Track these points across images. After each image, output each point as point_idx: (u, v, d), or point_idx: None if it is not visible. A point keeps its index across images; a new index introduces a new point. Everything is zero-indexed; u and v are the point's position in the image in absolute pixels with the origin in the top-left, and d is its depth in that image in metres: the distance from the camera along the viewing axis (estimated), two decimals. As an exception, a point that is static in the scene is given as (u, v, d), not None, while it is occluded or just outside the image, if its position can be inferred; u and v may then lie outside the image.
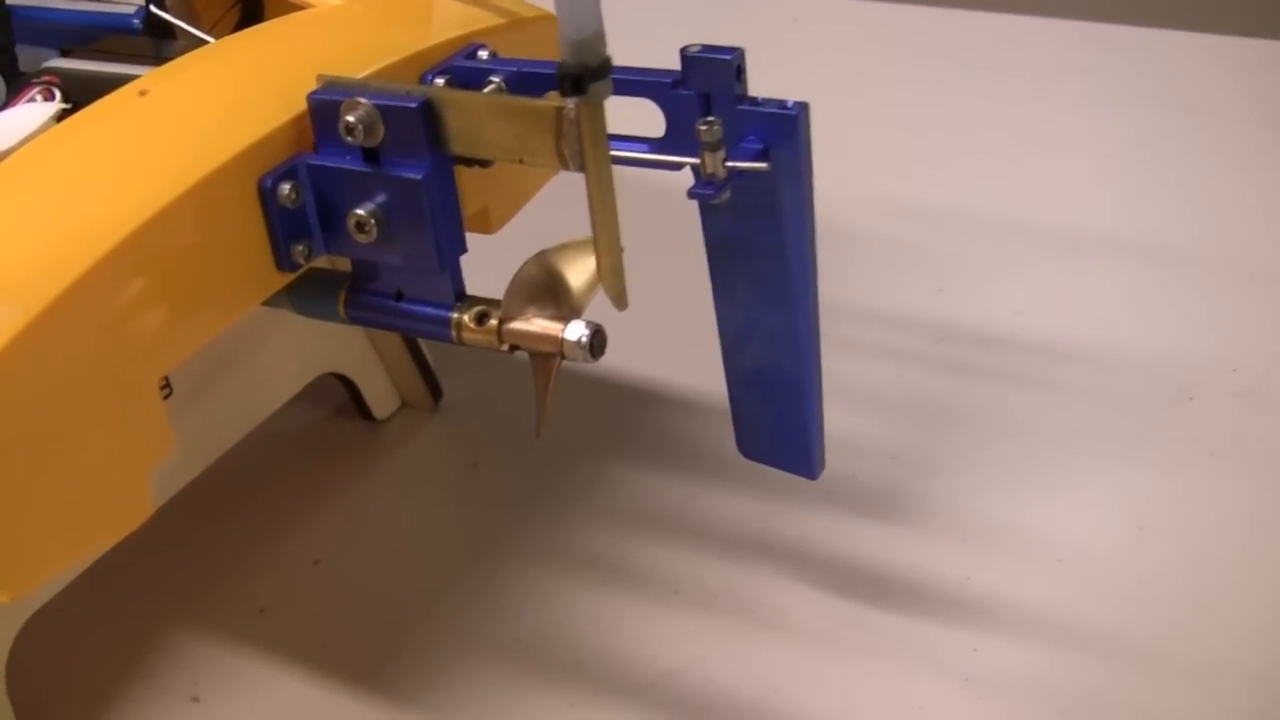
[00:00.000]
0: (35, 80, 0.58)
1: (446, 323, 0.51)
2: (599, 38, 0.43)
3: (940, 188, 0.91)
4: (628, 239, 0.47)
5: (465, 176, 0.56)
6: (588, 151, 0.45)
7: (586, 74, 0.43)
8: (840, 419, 0.63)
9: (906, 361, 0.75)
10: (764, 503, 0.66)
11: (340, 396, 0.74)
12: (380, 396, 0.74)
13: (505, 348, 0.50)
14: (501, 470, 0.71)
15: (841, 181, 0.78)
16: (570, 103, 0.45)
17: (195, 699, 0.60)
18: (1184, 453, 0.68)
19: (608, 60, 0.44)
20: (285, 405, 0.69)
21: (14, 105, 0.57)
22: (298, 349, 0.68)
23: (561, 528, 0.67)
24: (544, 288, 0.50)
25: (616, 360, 0.75)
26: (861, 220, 0.87)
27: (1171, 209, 0.87)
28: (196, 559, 0.67)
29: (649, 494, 0.68)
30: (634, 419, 0.73)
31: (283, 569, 0.66)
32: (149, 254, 0.47)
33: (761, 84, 0.52)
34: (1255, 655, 0.58)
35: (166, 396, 0.61)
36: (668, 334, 0.74)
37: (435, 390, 0.75)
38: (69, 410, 0.45)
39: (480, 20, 0.60)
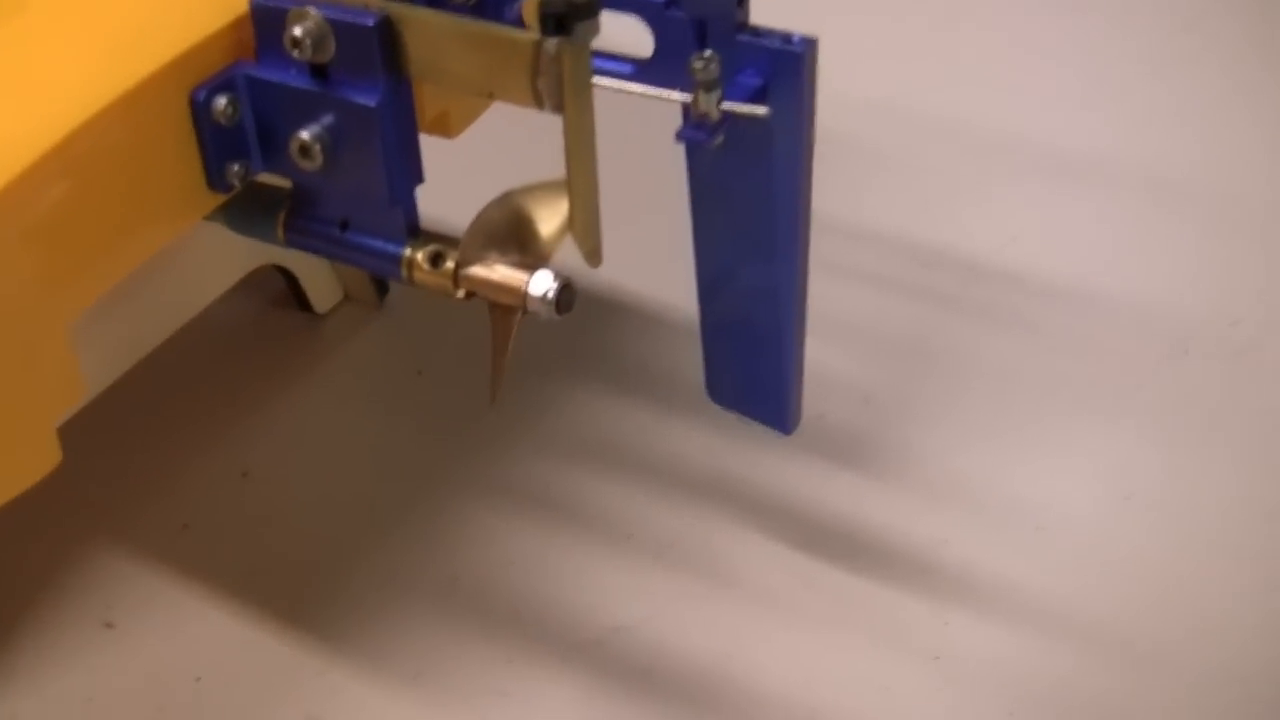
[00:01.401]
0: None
1: (397, 260, 0.46)
2: (588, -30, 0.38)
3: (934, 96, 0.85)
4: (608, 132, 0.42)
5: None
6: (568, 95, 0.40)
7: (572, 11, 0.38)
8: (813, 348, 0.58)
9: (888, 287, 0.70)
10: (726, 438, 0.62)
11: (278, 285, 0.69)
12: (322, 289, 0.69)
13: (461, 294, 0.45)
14: (448, 382, 0.66)
15: (828, 79, 0.72)
16: (554, 41, 0.40)
17: (109, 624, 0.56)
18: (1176, 414, 0.64)
19: (595, -1, 0.38)
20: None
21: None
22: (237, 240, 0.63)
23: (509, 454, 0.62)
24: (509, 231, 0.45)
25: (584, 265, 0.71)
26: (847, 123, 0.81)
27: (1173, 137, 0.81)
28: (117, 466, 0.62)
29: (606, 421, 0.64)
30: (597, 334, 0.68)
31: (209, 481, 0.61)
32: (64, 173, 0.41)
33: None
34: (1235, 642, 0.54)
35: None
36: (644, 239, 0.69)
37: (382, 286, 0.70)
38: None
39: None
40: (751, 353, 0.53)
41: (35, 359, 0.42)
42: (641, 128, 0.54)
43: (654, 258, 0.66)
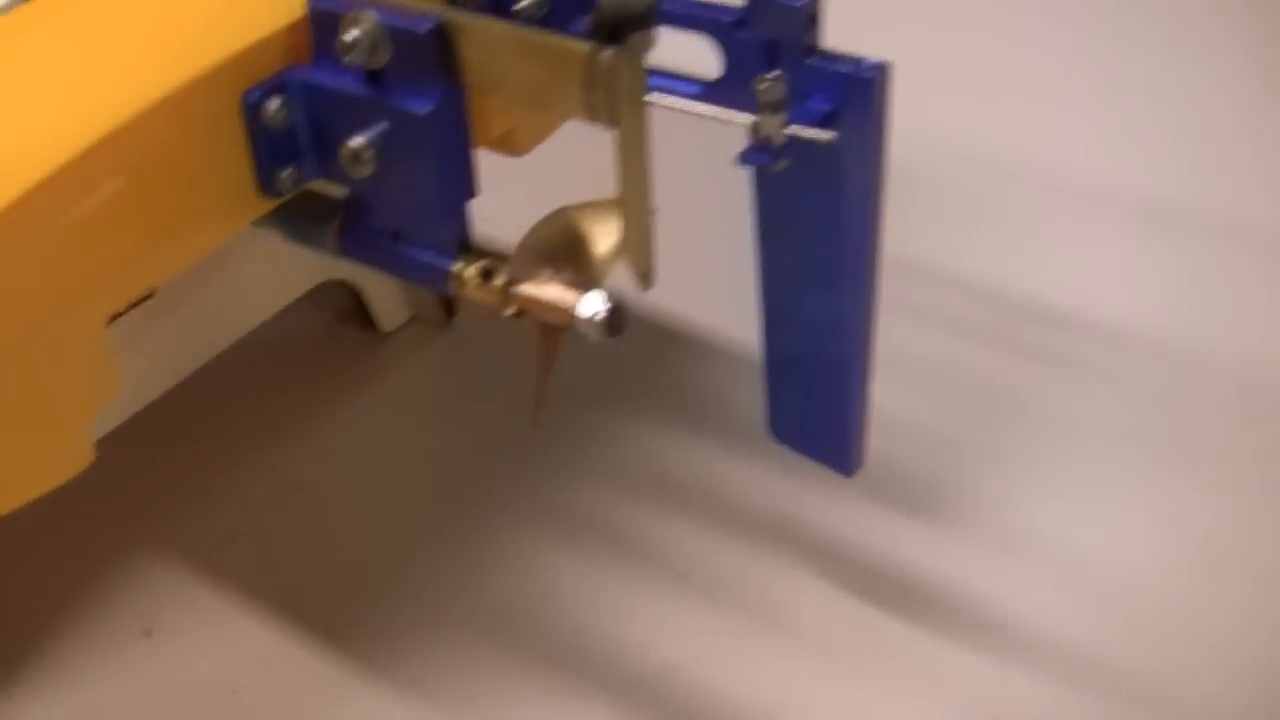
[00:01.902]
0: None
1: (445, 274, 0.45)
2: (645, -21, 0.36)
3: (1025, 140, 0.82)
4: (678, 153, 0.40)
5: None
6: (622, 107, 0.38)
7: (626, 22, 0.36)
8: (887, 392, 0.56)
9: (965, 332, 0.68)
10: (787, 478, 0.60)
11: (346, 303, 0.68)
12: (388, 308, 0.68)
13: (510, 312, 0.44)
14: (508, 407, 0.64)
15: (915, 119, 0.70)
16: (607, 51, 0.38)
17: (148, 633, 0.55)
18: (1263, 480, 0.60)
19: (652, 6, 0.37)
20: (283, 308, 0.63)
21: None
22: (300, 251, 0.62)
23: (567, 483, 0.61)
24: (562, 248, 0.43)
25: (654, 300, 0.69)
26: (933, 165, 0.79)
27: (1271, 190, 0.78)
28: (170, 475, 0.61)
29: (666, 454, 0.62)
30: (659, 365, 0.67)
31: (261, 494, 0.61)
32: (109, 172, 0.40)
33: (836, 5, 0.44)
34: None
35: (147, 297, 0.55)
36: (711, 270, 0.68)
37: (449, 306, 0.68)
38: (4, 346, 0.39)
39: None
40: (814, 388, 0.51)
41: (70, 354, 0.41)
42: (710, 153, 0.52)
43: (721, 289, 0.64)
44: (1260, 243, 0.73)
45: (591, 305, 0.42)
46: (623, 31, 0.37)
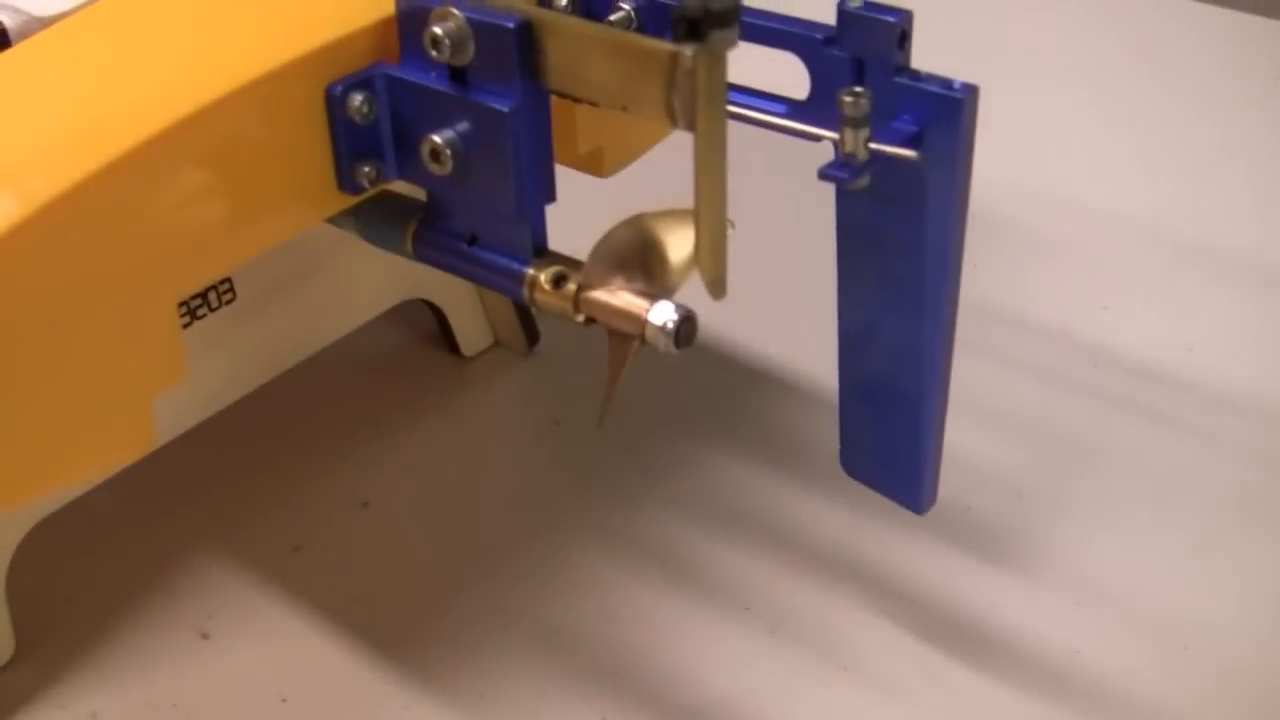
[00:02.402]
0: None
1: (519, 279, 0.44)
2: (729, -24, 0.36)
3: (1121, 192, 0.81)
4: (766, 191, 0.40)
5: (580, 111, 0.49)
6: (700, 110, 0.38)
7: (707, 18, 0.36)
8: (966, 438, 0.55)
9: (1053, 383, 0.67)
10: (861, 517, 0.59)
11: (429, 324, 0.68)
12: (471, 331, 0.68)
13: (580, 319, 0.44)
14: (585, 434, 0.64)
15: (1009, 165, 0.69)
16: (688, 49, 0.38)
17: (204, 635, 0.55)
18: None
19: (736, 5, 0.36)
20: (366, 325, 0.63)
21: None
22: (385, 267, 0.62)
23: (634, 509, 0.60)
24: (636, 257, 0.43)
25: (733, 332, 0.69)
26: (1025, 213, 0.78)
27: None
28: (240, 480, 0.61)
29: (737, 485, 0.61)
30: (735, 401, 0.66)
31: (328, 506, 0.60)
32: (190, 150, 0.41)
33: (929, 43, 0.44)
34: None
35: (229, 301, 0.55)
36: (791, 309, 0.67)
37: (532, 333, 0.68)
38: (71, 315, 0.40)
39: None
40: (889, 420, 0.50)
41: (140, 332, 0.41)
42: (796, 191, 0.52)
43: (803, 326, 0.64)
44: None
45: (661, 314, 0.42)
46: (703, 29, 0.36)
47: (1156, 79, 0.93)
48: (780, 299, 0.69)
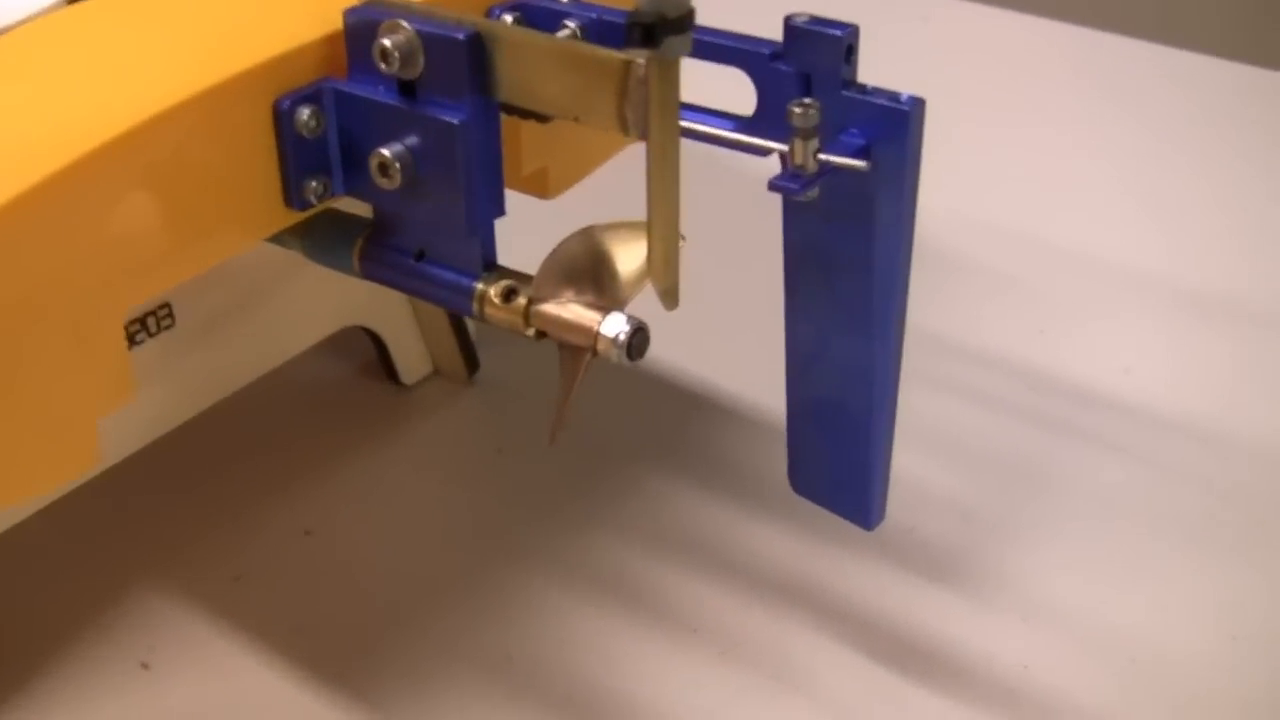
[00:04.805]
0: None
1: (469, 294, 0.44)
2: (684, -16, 0.36)
3: (1055, 220, 0.82)
4: (712, 217, 0.40)
5: (525, 131, 0.49)
6: (653, 117, 0.38)
7: (661, 24, 0.36)
8: (910, 462, 0.56)
9: (994, 408, 0.67)
10: (808, 543, 0.59)
11: (368, 353, 0.67)
12: (410, 360, 0.67)
13: (531, 332, 0.43)
14: (529, 461, 0.64)
15: (946, 195, 0.70)
16: (640, 58, 0.38)
17: (145, 665, 0.54)
18: (1294, 559, 0.59)
19: (690, 11, 0.36)
20: (305, 353, 0.62)
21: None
22: (325, 294, 0.61)
23: (581, 535, 0.60)
24: (586, 269, 0.43)
25: (674, 356, 0.69)
26: (963, 242, 0.79)
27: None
28: (180, 508, 0.60)
29: (684, 512, 0.61)
30: (682, 426, 0.66)
31: (270, 534, 0.60)
32: (136, 164, 0.40)
33: (873, 78, 0.44)
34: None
35: (168, 327, 0.55)
36: (738, 335, 0.67)
37: (472, 361, 0.68)
38: (14, 328, 0.39)
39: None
40: (837, 437, 0.50)
41: (86, 347, 0.40)
42: (760, 224, 0.52)
43: (757, 356, 0.64)
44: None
45: (613, 326, 0.42)
46: (656, 33, 0.36)
47: (1086, 109, 0.95)
48: (723, 321, 0.69)
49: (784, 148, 0.44)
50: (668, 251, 0.40)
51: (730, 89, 0.47)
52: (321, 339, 0.63)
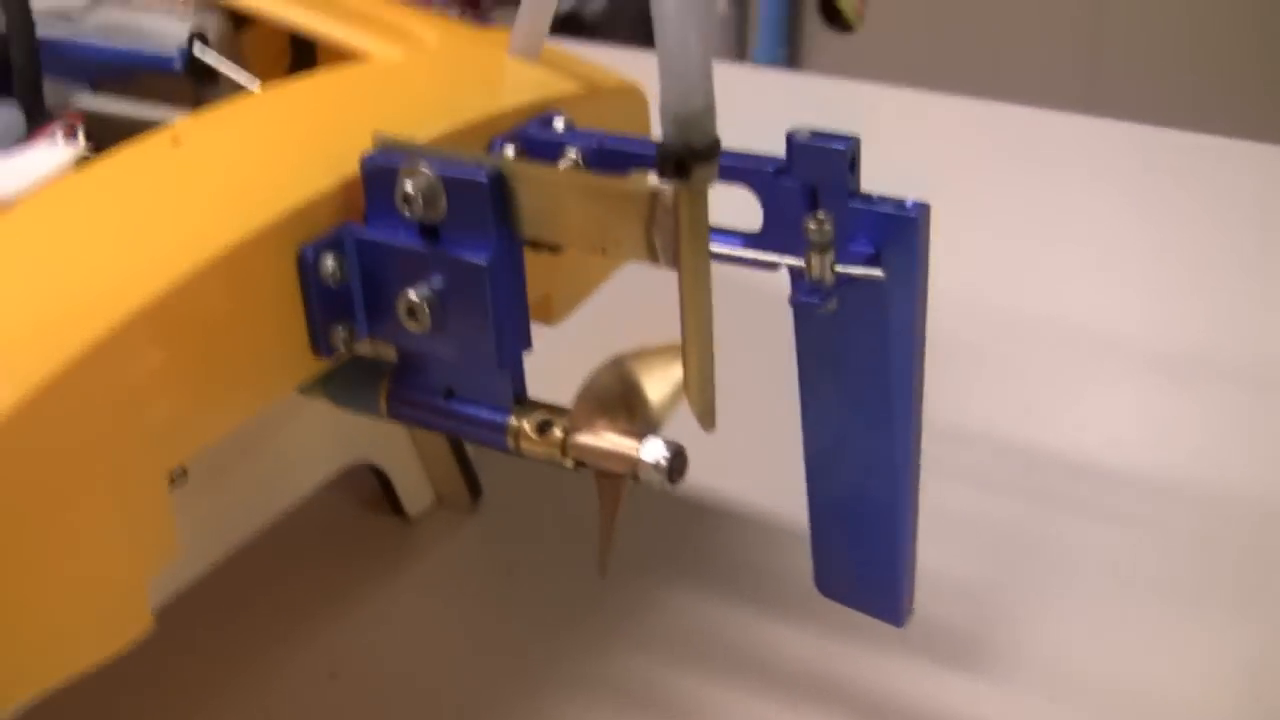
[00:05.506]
0: (57, 119, 0.53)
1: (503, 429, 0.45)
2: (708, 114, 0.37)
3: (1027, 295, 0.84)
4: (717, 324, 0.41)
5: (529, 260, 0.50)
6: (684, 245, 0.39)
7: (691, 155, 0.37)
8: (919, 546, 0.56)
9: (991, 488, 0.68)
10: (831, 640, 0.59)
11: (369, 488, 0.67)
12: (414, 491, 0.68)
13: (569, 463, 0.44)
14: (541, 580, 0.64)
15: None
16: (666, 186, 0.39)
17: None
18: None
19: (716, 141, 0.38)
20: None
21: (33, 143, 0.51)
22: (328, 435, 0.62)
23: (602, 652, 0.60)
24: (618, 398, 0.44)
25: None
26: (944, 323, 0.80)
27: (1271, 331, 0.80)
28: (198, 663, 0.60)
29: (707, 619, 0.61)
30: (692, 534, 0.66)
31: (295, 680, 0.59)
32: (168, 327, 0.40)
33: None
34: None
35: (182, 485, 0.54)
36: (738, 441, 0.67)
37: (475, 488, 0.68)
38: (59, 504, 0.39)
39: (555, 86, 0.54)
40: (863, 534, 0.51)
41: (131, 515, 0.40)
42: (752, 333, 0.53)
43: (750, 458, 0.65)
44: (1272, 383, 0.74)
45: (653, 451, 0.42)
46: (687, 164, 0.37)
47: (1045, 184, 0.97)
48: (723, 428, 0.70)
49: (796, 261, 0.45)
50: (704, 375, 0.41)
51: (722, 202, 0.48)
52: (327, 479, 0.63)
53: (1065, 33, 1.80)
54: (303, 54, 0.63)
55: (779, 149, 0.46)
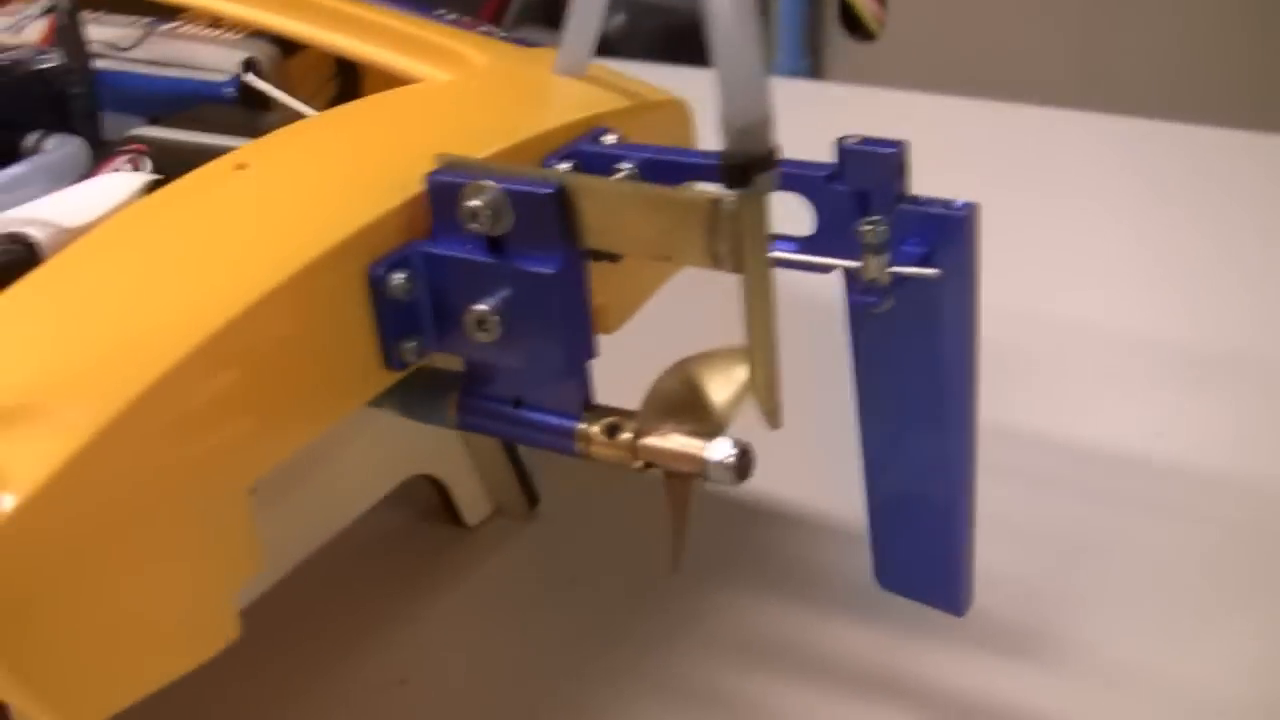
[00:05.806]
0: (122, 149, 0.54)
1: (572, 434, 0.46)
2: (766, 124, 0.39)
3: (1064, 297, 0.85)
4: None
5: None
6: (747, 250, 0.40)
7: (752, 164, 0.38)
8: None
9: (1039, 484, 0.69)
10: (890, 635, 0.60)
11: (428, 499, 0.69)
12: (472, 500, 0.69)
13: (639, 465, 0.45)
14: (604, 589, 0.65)
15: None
16: (728, 194, 0.40)
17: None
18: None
19: (775, 148, 0.39)
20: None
21: (99, 174, 0.52)
22: (387, 448, 0.63)
23: (666, 655, 0.61)
24: (683, 401, 0.45)
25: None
26: (986, 328, 0.81)
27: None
28: (269, 677, 0.61)
29: (769, 619, 0.62)
30: (747, 536, 0.67)
31: (366, 687, 0.60)
32: (244, 348, 0.42)
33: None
34: None
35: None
36: (792, 447, 0.69)
37: (532, 496, 0.69)
38: (147, 524, 0.40)
39: (604, 103, 0.56)
40: (922, 530, 0.52)
41: (217, 530, 0.42)
42: (804, 339, 0.54)
43: (806, 461, 0.66)
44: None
45: (720, 450, 0.44)
46: (749, 173, 0.38)
47: (1083, 190, 0.98)
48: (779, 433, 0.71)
49: (852, 263, 0.46)
50: (770, 375, 0.42)
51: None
52: (388, 490, 0.64)
53: (1077, 34, 1.80)
54: (348, 80, 0.65)
55: (815, 158, 0.48)
